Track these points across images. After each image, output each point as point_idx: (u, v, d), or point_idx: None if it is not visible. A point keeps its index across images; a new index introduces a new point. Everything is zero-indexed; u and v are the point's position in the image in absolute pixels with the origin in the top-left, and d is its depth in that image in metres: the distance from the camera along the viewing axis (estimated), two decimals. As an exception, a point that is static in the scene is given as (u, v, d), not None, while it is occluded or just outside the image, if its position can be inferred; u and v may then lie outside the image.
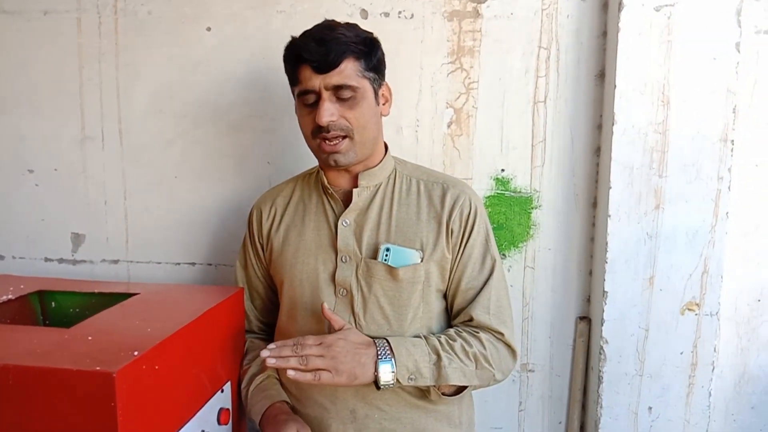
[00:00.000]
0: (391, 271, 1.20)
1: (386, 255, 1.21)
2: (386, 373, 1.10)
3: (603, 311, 1.50)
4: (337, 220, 1.25)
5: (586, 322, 1.61)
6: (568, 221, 1.60)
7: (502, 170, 1.59)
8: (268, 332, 1.42)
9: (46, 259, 1.73)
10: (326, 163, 1.22)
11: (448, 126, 1.59)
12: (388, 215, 1.24)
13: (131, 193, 1.68)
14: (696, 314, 1.50)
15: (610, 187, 1.47)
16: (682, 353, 1.51)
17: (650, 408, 1.53)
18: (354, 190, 1.25)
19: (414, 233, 1.22)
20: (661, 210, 1.47)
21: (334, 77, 1.15)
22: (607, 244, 1.48)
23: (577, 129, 1.56)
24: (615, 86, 1.44)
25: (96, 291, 1.37)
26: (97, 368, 0.88)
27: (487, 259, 1.25)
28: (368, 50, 1.19)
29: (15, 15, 1.65)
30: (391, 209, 1.24)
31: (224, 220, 1.66)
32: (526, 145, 1.58)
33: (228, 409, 1.25)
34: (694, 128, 1.44)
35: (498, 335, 1.22)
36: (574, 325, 1.63)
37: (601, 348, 1.51)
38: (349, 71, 1.16)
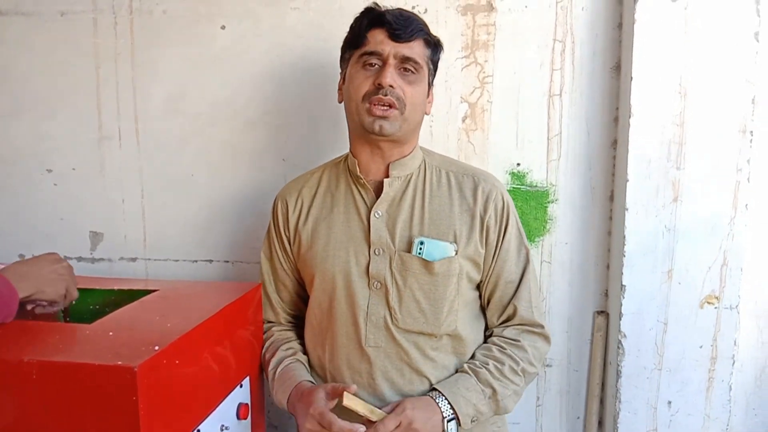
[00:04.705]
0: (427, 264, 1.19)
1: (420, 248, 1.20)
2: (452, 430, 1.15)
3: (621, 305, 1.49)
4: (369, 211, 1.23)
5: (604, 316, 1.59)
6: (585, 215, 1.59)
7: (518, 164, 1.58)
8: (297, 324, 1.40)
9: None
10: (370, 127, 1.18)
11: (463, 120, 1.58)
12: (420, 207, 1.23)
13: (148, 192, 1.69)
14: (715, 307, 1.48)
15: (628, 180, 1.46)
16: (701, 347, 1.50)
17: (669, 402, 1.52)
18: (385, 180, 1.23)
19: (447, 226, 1.22)
20: (679, 202, 1.46)
21: (406, 49, 1.18)
22: (624, 237, 1.47)
23: (593, 122, 1.55)
24: (631, 78, 1.43)
25: (115, 288, 1.38)
26: (119, 363, 0.89)
27: (522, 250, 1.28)
28: (435, 45, 1.26)
29: (32, 16, 1.66)
30: (423, 201, 1.24)
31: (241, 217, 1.67)
32: (541, 139, 1.57)
33: (247, 404, 1.25)
34: (712, 119, 1.43)
35: (539, 329, 1.26)
36: (592, 320, 1.62)
37: (620, 342, 1.50)
38: (419, 50, 1.21)
